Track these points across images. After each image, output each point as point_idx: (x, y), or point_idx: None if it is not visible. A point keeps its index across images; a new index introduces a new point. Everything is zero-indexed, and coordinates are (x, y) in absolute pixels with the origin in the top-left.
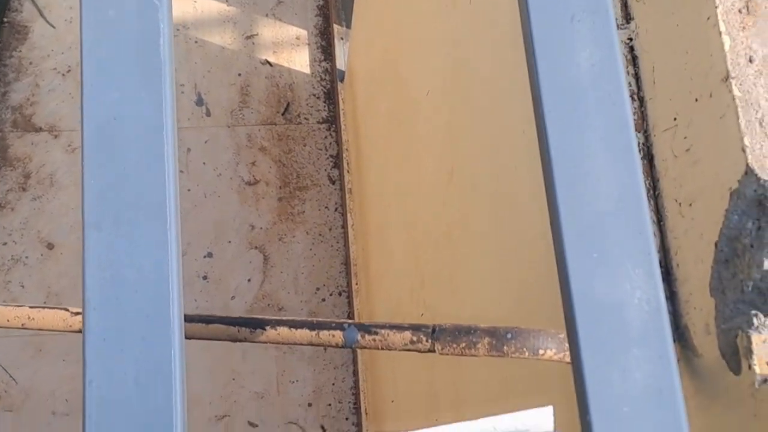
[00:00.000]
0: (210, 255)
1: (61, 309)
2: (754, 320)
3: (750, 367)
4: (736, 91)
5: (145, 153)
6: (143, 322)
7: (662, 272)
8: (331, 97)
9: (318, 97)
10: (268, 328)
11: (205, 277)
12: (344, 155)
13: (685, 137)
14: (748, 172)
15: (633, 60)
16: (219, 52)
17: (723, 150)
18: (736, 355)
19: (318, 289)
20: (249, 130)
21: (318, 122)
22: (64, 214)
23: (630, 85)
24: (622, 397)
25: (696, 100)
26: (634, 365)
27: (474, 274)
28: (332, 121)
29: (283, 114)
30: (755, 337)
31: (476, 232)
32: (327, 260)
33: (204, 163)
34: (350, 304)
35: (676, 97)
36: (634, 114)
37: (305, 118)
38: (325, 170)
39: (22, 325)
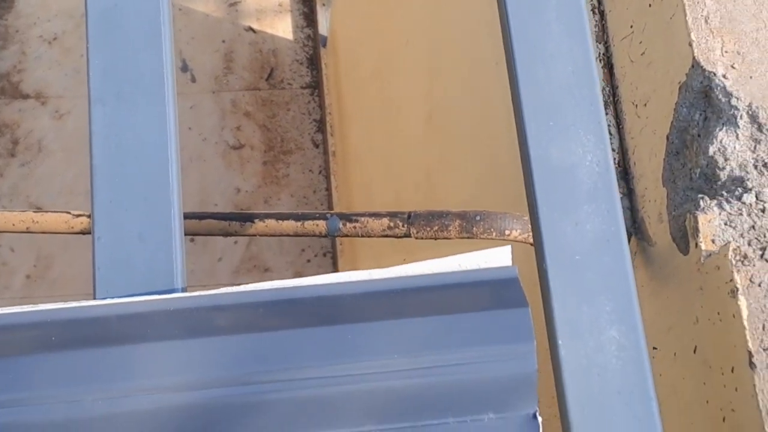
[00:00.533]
0: None
1: (63, 212)
2: (701, 203)
3: (697, 245)
4: None
5: (144, 36)
6: (145, 185)
7: (621, 172)
8: (314, 62)
9: (301, 63)
10: (257, 221)
11: (192, 240)
12: (327, 119)
13: (641, 42)
14: (695, 65)
15: None
16: (203, 19)
17: (672, 47)
18: (685, 238)
19: (303, 250)
20: (233, 96)
21: (301, 87)
22: (52, 179)
23: (591, 1)
24: (574, 247)
25: (649, 5)
26: (585, 218)
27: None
28: (315, 86)
29: (267, 79)
30: (701, 218)
31: (453, 168)
32: None
33: (189, 129)
34: (335, 264)
35: (632, 6)
36: (595, 26)
37: (289, 84)
38: (309, 134)
39: (27, 228)
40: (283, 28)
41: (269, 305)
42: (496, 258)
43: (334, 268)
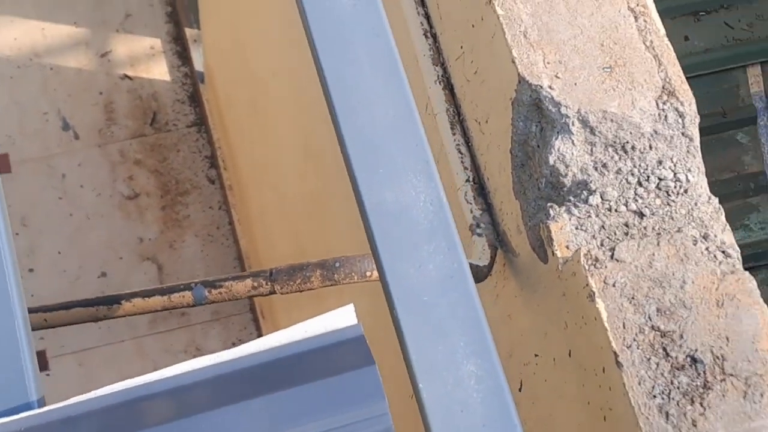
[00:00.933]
0: (104, 275)
1: None
2: (551, 211)
3: (553, 253)
4: (499, 11)
5: None
6: None
7: (477, 188)
8: (195, 99)
9: (183, 102)
10: (123, 302)
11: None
12: (218, 154)
13: (472, 61)
14: (521, 80)
15: (422, 1)
16: (76, 74)
17: (499, 65)
18: (543, 247)
19: None
20: (120, 146)
21: (187, 126)
22: None
23: (422, 25)
24: (419, 288)
25: (473, 26)
26: (426, 259)
27: (343, 235)
28: (201, 122)
29: (151, 124)
30: (553, 226)
31: (336, 194)
32: (220, 258)
33: (81, 186)
34: (251, 298)
35: (459, 28)
36: (430, 50)
37: (174, 125)
38: (203, 171)
39: None
40: (159, 70)
41: (120, 408)
42: (341, 319)
43: (251, 301)
